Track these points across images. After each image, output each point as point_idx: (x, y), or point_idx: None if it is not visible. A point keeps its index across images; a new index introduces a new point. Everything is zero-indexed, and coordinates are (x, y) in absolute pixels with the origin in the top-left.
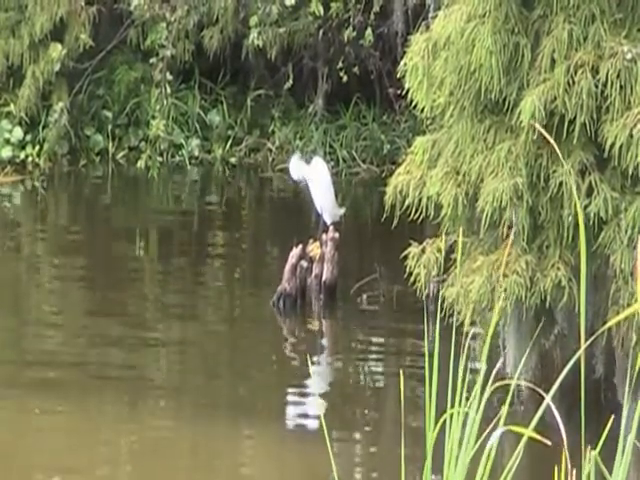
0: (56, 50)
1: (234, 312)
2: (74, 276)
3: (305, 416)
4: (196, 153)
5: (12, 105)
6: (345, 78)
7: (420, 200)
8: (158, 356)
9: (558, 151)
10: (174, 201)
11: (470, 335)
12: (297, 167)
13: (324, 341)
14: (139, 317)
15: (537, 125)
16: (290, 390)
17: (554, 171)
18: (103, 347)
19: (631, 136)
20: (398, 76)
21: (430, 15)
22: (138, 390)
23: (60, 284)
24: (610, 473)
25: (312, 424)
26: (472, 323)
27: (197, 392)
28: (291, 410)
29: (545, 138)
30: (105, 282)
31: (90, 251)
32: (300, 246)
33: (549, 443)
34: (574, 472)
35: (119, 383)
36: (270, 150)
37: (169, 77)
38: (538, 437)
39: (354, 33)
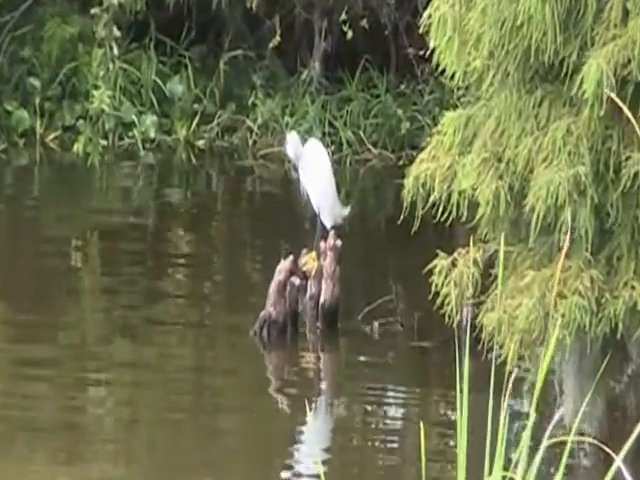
0: None
1: (203, 345)
2: None
3: (299, 478)
4: (152, 134)
5: None
6: (350, 34)
7: (449, 196)
8: (104, 402)
9: (638, 129)
10: (122, 197)
11: (515, 375)
12: (295, 148)
13: (322, 383)
14: (77, 346)
15: (611, 94)
16: (279, 446)
17: (627, 158)
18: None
19: None
20: (420, 32)
21: None
22: (80, 444)
23: None
24: None
25: None
26: (519, 359)
27: (155, 452)
28: (281, 472)
29: (615, 114)
30: (33, 304)
31: (10, 267)
32: (290, 258)
33: None
34: None
35: (56, 437)
36: (250, 130)
37: (116, 33)
38: None
39: None
